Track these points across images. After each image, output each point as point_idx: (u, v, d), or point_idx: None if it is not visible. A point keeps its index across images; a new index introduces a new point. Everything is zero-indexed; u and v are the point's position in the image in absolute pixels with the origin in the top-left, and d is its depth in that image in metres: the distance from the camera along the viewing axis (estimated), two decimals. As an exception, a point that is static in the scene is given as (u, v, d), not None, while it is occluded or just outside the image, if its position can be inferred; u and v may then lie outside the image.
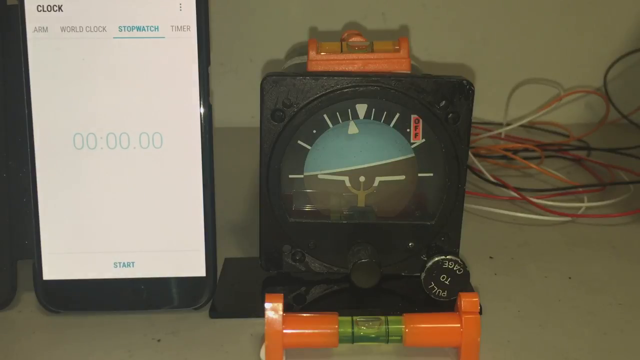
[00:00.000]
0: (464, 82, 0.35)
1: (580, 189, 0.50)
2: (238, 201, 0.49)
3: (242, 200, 0.49)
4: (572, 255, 0.42)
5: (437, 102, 0.36)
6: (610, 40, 0.67)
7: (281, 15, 0.67)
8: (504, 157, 0.57)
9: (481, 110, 0.69)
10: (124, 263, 0.34)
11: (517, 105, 0.68)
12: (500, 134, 0.62)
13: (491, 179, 0.51)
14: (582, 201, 0.49)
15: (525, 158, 0.57)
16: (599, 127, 0.63)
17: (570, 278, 0.39)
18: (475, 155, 0.57)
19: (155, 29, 0.34)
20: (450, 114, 0.36)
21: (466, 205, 0.48)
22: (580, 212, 0.47)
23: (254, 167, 0.37)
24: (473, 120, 0.66)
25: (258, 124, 0.36)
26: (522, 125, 0.67)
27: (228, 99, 0.64)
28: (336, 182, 0.38)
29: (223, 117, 0.60)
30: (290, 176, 0.37)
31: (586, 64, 0.68)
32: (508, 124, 0.63)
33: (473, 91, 0.36)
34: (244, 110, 0.62)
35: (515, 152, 0.58)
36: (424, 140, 0.37)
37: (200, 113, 0.34)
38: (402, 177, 0.38)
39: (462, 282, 0.35)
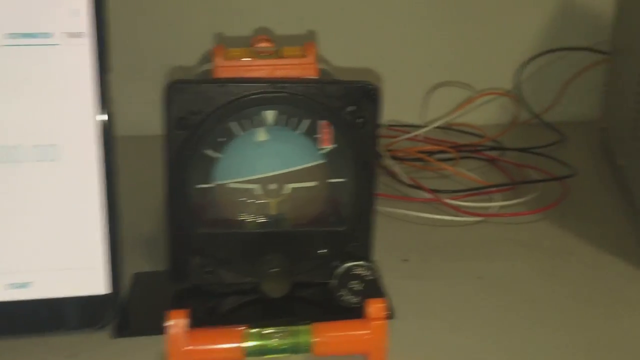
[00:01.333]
0: (370, 86, 0.35)
1: (493, 189, 0.52)
2: (149, 212, 0.47)
3: (153, 211, 0.47)
4: (484, 255, 0.43)
5: (344, 107, 0.35)
6: (522, 42, 0.69)
7: (193, 21, 0.66)
8: (419, 159, 0.58)
9: (399, 113, 0.70)
10: (19, 284, 0.32)
11: (434, 107, 0.69)
12: (418, 135, 0.63)
13: (407, 181, 0.52)
14: (495, 201, 0.50)
15: (442, 159, 0.58)
16: (511, 128, 0.65)
17: (480, 278, 0.40)
18: (393, 157, 0.58)
19: (48, 35, 0.33)
20: (358, 119, 0.36)
21: (382, 208, 0.48)
22: (492, 211, 0.48)
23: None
24: (391, 123, 0.68)
25: (167, 132, 0.35)
26: (439, 127, 0.68)
27: (139, 106, 0.62)
28: (246, 191, 0.37)
29: (134, 125, 0.58)
30: (198, 186, 0.36)
31: (499, 66, 0.70)
32: (426, 126, 0.64)
33: (379, 96, 0.36)
34: (154, 118, 0.61)
35: (431, 153, 0.59)
36: (333, 145, 0.37)
37: (99, 123, 0.33)
38: (314, 184, 0.37)
39: (373, 288, 0.35)
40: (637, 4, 0.51)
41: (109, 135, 0.33)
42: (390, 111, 0.70)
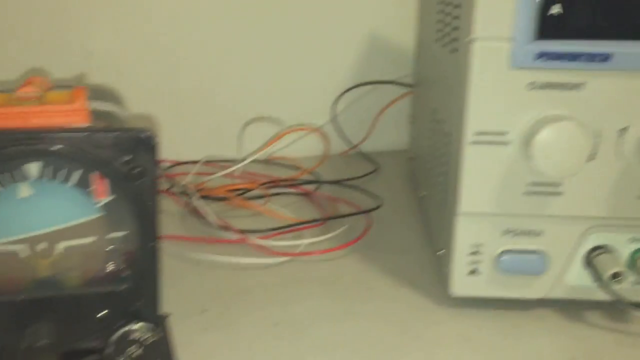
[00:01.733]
0: (144, 134, 0.33)
1: (301, 226, 0.51)
2: None
3: None
4: (285, 298, 0.42)
5: (118, 157, 0.33)
6: (337, 76, 0.71)
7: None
8: (225, 198, 0.56)
9: (216, 148, 0.69)
10: None
11: (252, 142, 0.68)
12: (235, 171, 0.62)
13: (215, 222, 0.50)
14: (304, 238, 0.49)
15: (257, 196, 0.57)
16: (325, 160, 0.66)
17: (276, 325, 0.39)
18: (206, 197, 0.56)
19: None
20: (134, 169, 0.33)
21: (189, 254, 0.46)
22: (299, 250, 0.48)
23: None
24: (208, 159, 0.66)
25: None
26: (258, 161, 0.67)
27: None
28: (11, 253, 0.33)
29: None
30: (-48, 251, 0.32)
31: (314, 98, 0.71)
32: (242, 161, 0.62)
33: (155, 143, 0.33)
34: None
35: (246, 191, 0.58)
36: (110, 198, 0.34)
37: None
38: (91, 240, 0.34)
39: (156, 350, 0.33)
40: (428, 40, 0.53)
41: None
42: (208, 146, 0.69)
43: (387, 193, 0.59)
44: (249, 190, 0.58)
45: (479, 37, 0.35)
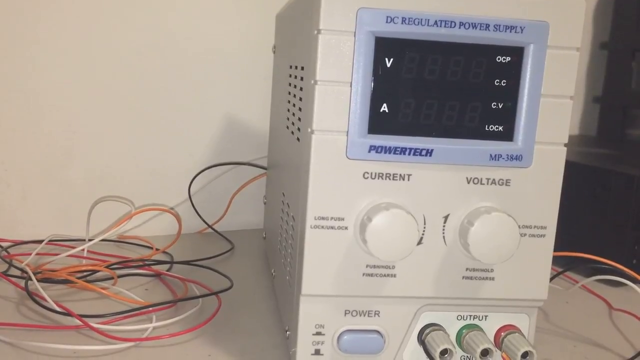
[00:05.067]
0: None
1: (151, 309, 0.50)
2: None
3: None
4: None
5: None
6: (194, 155, 0.72)
7: None
8: (69, 281, 0.54)
9: (63, 227, 0.66)
10: None
11: (103, 221, 0.66)
12: (82, 251, 0.60)
13: (55, 307, 0.48)
14: (152, 322, 0.48)
15: (104, 278, 0.55)
16: (181, 241, 0.66)
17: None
18: (46, 280, 0.53)
19: None
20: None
21: (26, 342, 0.43)
22: (146, 334, 0.47)
23: None
24: (58, 239, 0.63)
25: None
26: (109, 241, 0.65)
27: None
28: None
29: None
30: None
31: (171, 177, 0.71)
32: (90, 240, 0.60)
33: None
34: None
35: (92, 272, 0.56)
36: None
37: None
38: None
39: None
40: (280, 125, 0.56)
41: None
42: (54, 225, 0.66)
43: (241, 272, 0.60)
44: (94, 272, 0.56)
45: (317, 129, 0.37)
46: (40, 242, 0.62)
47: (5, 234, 0.64)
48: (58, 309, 0.47)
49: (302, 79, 0.42)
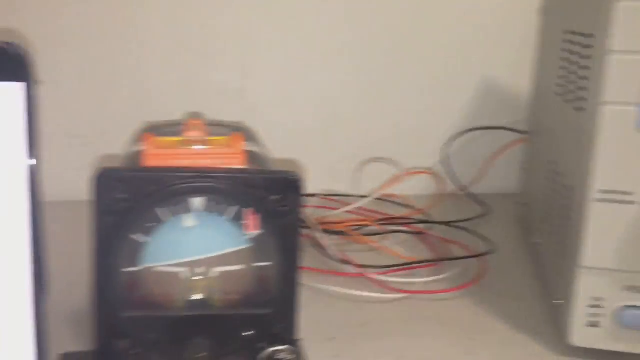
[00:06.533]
0: (293, 178, 0.37)
1: (417, 265, 0.54)
2: (79, 285, 0.47)
3: (82, 283, 0.47)
4: (407, 333, 0.45)
5: (269, 196, 0.37)
6: (451, 120, 0.74)
7: (138, 90, 0.68)
8: (348, 232, 0.60)
9: (335, 184, 0.73)
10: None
11: (367, 180, 0.72)
12: (353, 208, 0.65)
13: (336, 256, 0.54)
14: (419, 276, 0.52)
15: (372, 232, 0.60)
16: (437, 202, 0.68)
17: (402, 357, 0.42)
18: (326, 231, 0.60)
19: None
20: (282, 207, 0.37)
21: (311, 283, 0.50)
22: (415, 288, 0.50)
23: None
24: (328, 193, 0.70)
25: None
26: (372, 199, 0.71)
27: (68, 171, 0.62)
28: (174, 274, 0.38)
29: (63, 191, 0.58)
30: (126, 270, 0.37)
31: (429, 140, 0.74)
32: (358, 197, 0.66)
33: (302, 186, 0.38)
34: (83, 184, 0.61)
35: (361, 227, 0.61)
36: (259, 231, 0.38)
37: (27, 193, 0.33)
38: (240, 267, 0.39)
39: (296, 371, 0.36)
40: (548, 91, 0.55)
41: (38, 208, 0.33)
42: (328, 182, 0.73)
43: (497, 237, 0.61)
44: (364, 226, 0.62)
45: (607, 100, 0.37)
46: (313, 195, 0.69)
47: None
48: (339, 257, 0.53)
49: (586, 46, 0.41)
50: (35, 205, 0.33)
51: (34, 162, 0.33)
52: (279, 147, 0.73)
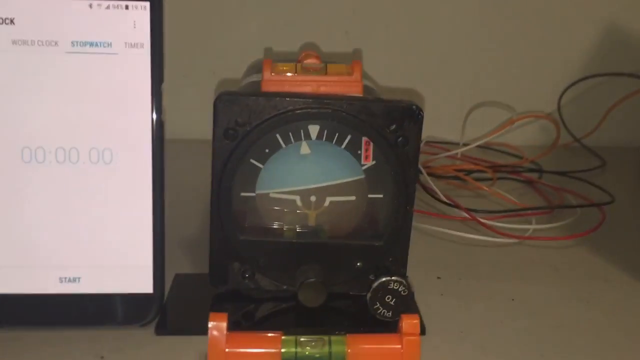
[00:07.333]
0: (414, 107, 0.36)
1: (529, 212, 0.52)
2: (192, 215, 0.49)
3: (196, 214, 0.49)
4: (518, 277, 0.43)
5: (387, 126, 0.36)
6: (565, 66, 0.70)
7: (241, 31, 0.68)
8: (457, 177, 0.58)
9: (439, 130, 0.71)
10: (69, 278, 0.34)
11: (474, 126, 0.69)
12: (457, 154, 0.64)
13: (444, 199, 0.52)
14: (530, 223, 0.50)
15: (479, 179, 0.58)
16: (551, 150, 0.65)
17: (513, 300, 0.40)
18: (430, 175, 0.59)
19: (108, 45, 0.34)
20: (400, 138, 0.37)
21: (419, 224, 0.49)
22: (527, 234, 0.49)
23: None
24: (431, 140, 0.68)
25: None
26: (477, 146, 0.68)
27: (191, 111, 0.64)
28: (287, 201, 0.38)
29: (186, 130, 0.60)
30: (242, 194, 0.38)
31: (541, 88, 0.70)
32: (465, 145, 0.64)
33: (422, 116, 0.36)
34: (203, 123, 0.63)
35: (469, 172, 0.59)
36: (374, 162, 0.37)
37: (152, 131, 0.35)
38: (353, 198, 0.38)
39: (407, 303, 0.36)
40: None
41: (161, 142, 0.35)
42: (431, 128, 0.71)
43: (616, 189, 0.57)
44: (472, 171, 0.60)
45: None
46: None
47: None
48: (447, 200, 0.52)
49: None
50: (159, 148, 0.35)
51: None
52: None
